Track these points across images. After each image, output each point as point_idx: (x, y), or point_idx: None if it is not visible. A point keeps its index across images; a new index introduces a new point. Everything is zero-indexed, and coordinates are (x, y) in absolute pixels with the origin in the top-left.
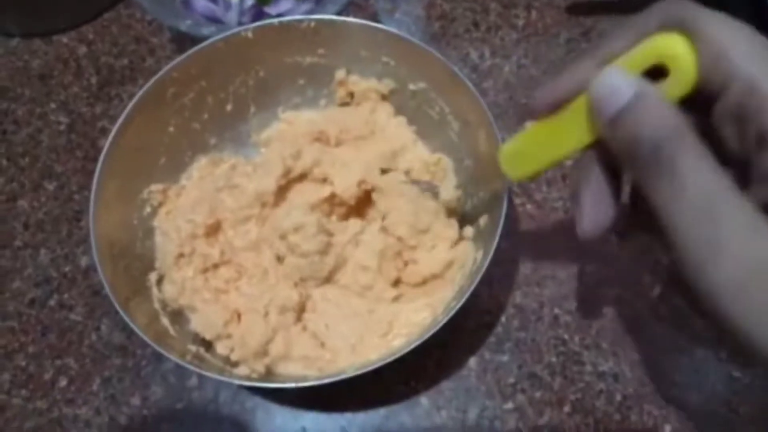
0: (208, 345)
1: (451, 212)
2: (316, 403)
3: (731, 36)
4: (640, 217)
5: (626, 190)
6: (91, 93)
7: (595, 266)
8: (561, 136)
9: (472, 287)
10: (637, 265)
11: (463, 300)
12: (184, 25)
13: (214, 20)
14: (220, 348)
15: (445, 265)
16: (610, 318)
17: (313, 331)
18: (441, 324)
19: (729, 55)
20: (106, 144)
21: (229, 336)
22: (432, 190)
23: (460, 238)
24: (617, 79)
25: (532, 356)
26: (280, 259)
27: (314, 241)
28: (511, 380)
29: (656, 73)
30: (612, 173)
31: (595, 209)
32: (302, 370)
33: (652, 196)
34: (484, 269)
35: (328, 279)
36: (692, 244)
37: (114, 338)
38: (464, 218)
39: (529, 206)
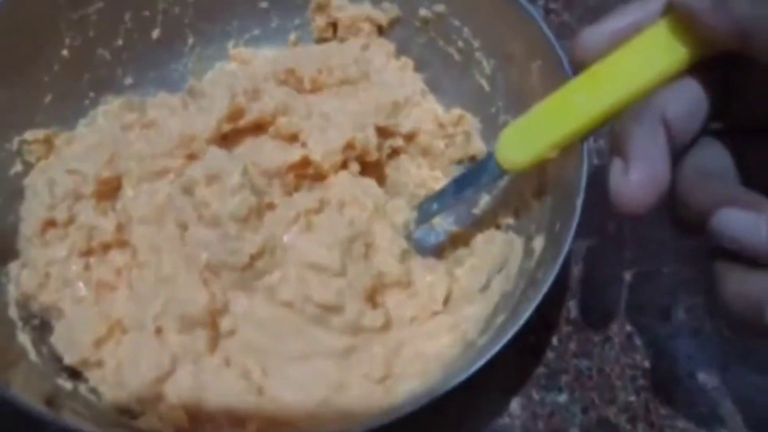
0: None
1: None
2: None
3: None
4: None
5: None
6: None
7: (676, 264)
8: (610, 84)
9: (540, 296)
10: None
11: (525, 318)
12: None
13: None
14: (94, 382)
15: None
16: (703, 337)
17: (242, 368)
18: (490, 356)
19: None
20: None
21: (100, 364)
22: None
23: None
24: None
25: (601, 395)
26: (184, 231)
27: (234, 200)
28: (574, 430)
29: None
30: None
31: (649, 163)
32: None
33: None
34: (559, 263)
35: (252, 278)
36: None
37: None
38: (496, 202)
39: None
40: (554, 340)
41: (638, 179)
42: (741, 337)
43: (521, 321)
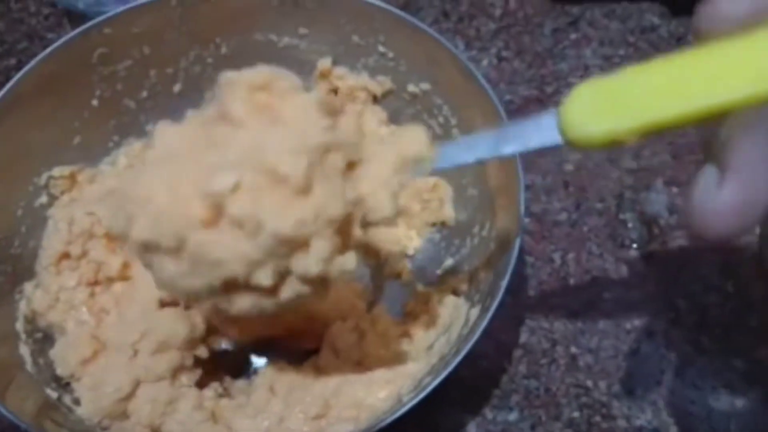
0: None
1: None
2: None
3: None
4: None
5: None
6: None
7: (617, 291)
8: (739, 72)
9: (459, 358)
10: (669, 288)
11: (443, 376)
12: (83, 2)
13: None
14: (78, 394)
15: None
16: (641, 356)
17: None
18: (406, 408)
19: None
20: None
21: (80, 380)
22: None
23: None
24: None
25: (548, 411)
26: None
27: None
28: None
29: None
30: None
31: (751, 179)
32: None
33: None
34: (476, 336)
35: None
36: None
37: None
38: (456, 267)
39: (526, 220)
40: (506, 364)
41: (734, 194)
42: None
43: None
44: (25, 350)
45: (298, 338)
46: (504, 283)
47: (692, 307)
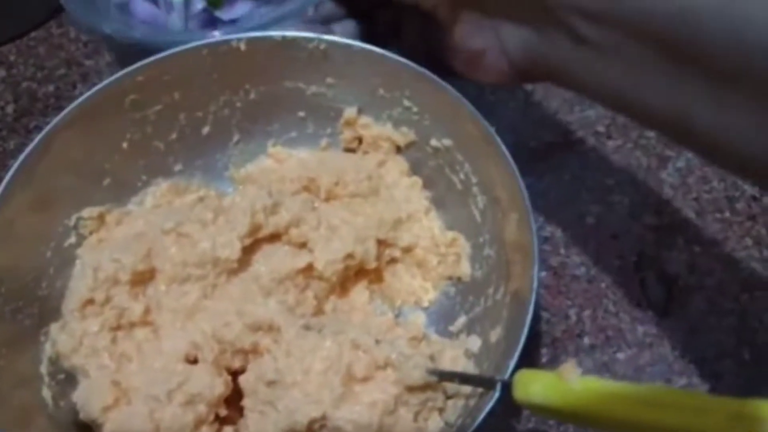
0: None
1: None
2: None
3: None
4: None
5: None
6: (4, 124)
7: (630, 352)
8: None
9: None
10: (683, 352)
11: None
12: (109, 27)
13: (156, 26)
14: None
15: None
16: None
17: None
18: None
19: None
20: (27, 148)
21: (101, 427)
22: None
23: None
24: None
25: None
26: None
27: None
28: None
29: None
30: None
31: None
32: None
33: None
34: (483, 414)
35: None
36: None
37: None
38: (469, 326)
39: (543, 273)
40: (514, 422)
41: None
42: None
43: None
44: (47, 393)
45: None
46: (513, 363)
47: (706, 373)
